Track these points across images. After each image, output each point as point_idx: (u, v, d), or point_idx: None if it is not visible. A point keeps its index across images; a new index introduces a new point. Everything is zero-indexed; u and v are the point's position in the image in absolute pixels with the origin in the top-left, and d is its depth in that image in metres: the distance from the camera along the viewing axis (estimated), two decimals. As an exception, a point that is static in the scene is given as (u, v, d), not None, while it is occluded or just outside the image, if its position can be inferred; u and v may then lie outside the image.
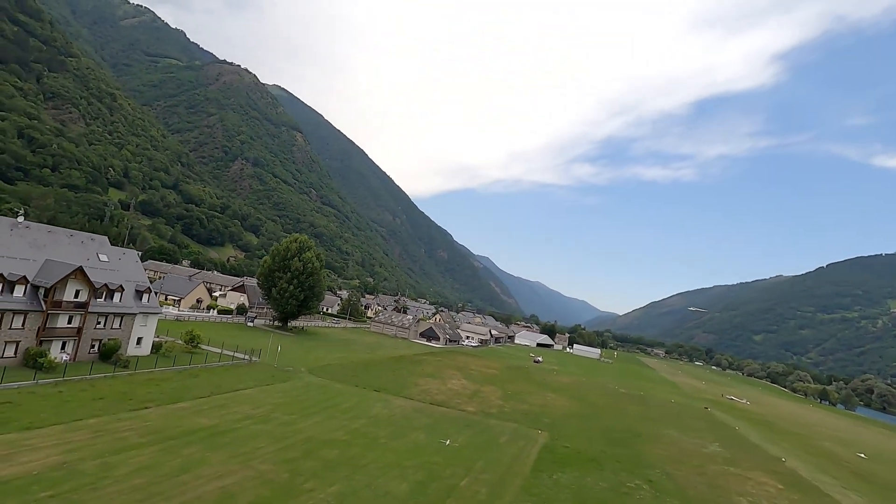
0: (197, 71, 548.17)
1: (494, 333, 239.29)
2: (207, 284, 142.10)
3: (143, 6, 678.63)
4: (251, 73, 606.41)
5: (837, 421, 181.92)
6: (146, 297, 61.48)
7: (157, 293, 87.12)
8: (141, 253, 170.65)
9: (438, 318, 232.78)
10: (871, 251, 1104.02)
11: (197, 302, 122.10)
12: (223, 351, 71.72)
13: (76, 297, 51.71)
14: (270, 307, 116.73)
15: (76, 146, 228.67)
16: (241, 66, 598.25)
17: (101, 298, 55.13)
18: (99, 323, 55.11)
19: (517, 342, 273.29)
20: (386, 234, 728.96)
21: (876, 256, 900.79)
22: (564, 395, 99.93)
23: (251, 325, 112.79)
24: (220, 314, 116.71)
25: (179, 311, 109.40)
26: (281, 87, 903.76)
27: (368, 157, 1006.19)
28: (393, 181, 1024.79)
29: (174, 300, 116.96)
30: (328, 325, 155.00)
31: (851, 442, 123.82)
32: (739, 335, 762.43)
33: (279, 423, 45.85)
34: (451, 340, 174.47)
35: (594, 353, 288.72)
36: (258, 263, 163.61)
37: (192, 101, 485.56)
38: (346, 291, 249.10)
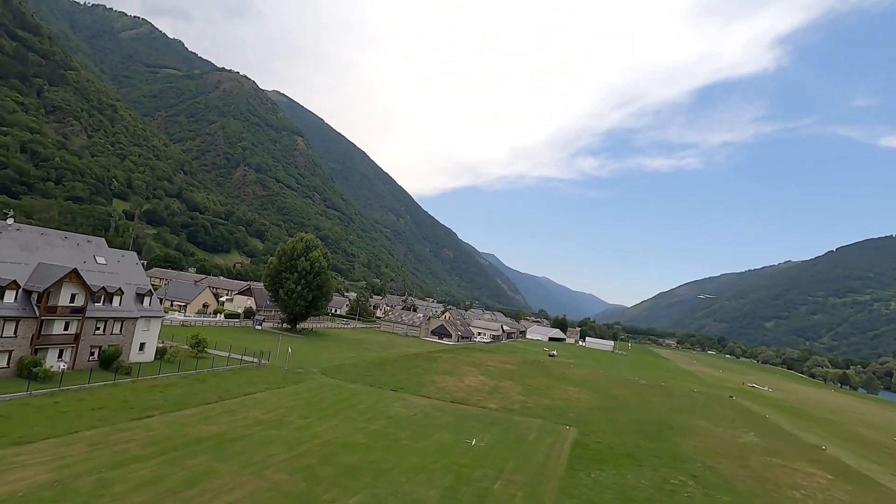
0: (196, 80, 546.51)
1: (506, 329, 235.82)
2: (214, 289, 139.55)
3: (140, 18, 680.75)
4: (250, 79, 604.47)
5: (864, 405, 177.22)
6: (148, 300, 58.34)
7: (162, 299, 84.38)
8: (146, 262, 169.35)
9: (448, 315, 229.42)
10: (880, 233, 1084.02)
11: (203, 307, 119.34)
12: (231, 354, 68.64)
13: (72, 301, 48.56)
14: (278, 309, 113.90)
15: (79, 158, 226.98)
16: (240, 73, 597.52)
17: (99, 302, 52.02)
18: (98, 328, 52.02)
19: (529, 337, 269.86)
20: (391, 234, 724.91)
21: (886, 238, 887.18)
22: (585, 388, 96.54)
23: (259, 328, 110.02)
24: (227, 318, 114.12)
25: (185, 316, 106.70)
26: (281, 92, 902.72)
27: (370, 158, 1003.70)
28: (396, 182, 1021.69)
29: (180, 305, 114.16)
30: (337, 326, 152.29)
31: (884, 426, 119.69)
32: (750, 323, 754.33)
33: (293, 427, 42.58)
34: (463, 337, 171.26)
35: (608, 345, 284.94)
36: (264, 268, 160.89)
37: (192, 109, 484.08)
38: (353, 293, 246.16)
